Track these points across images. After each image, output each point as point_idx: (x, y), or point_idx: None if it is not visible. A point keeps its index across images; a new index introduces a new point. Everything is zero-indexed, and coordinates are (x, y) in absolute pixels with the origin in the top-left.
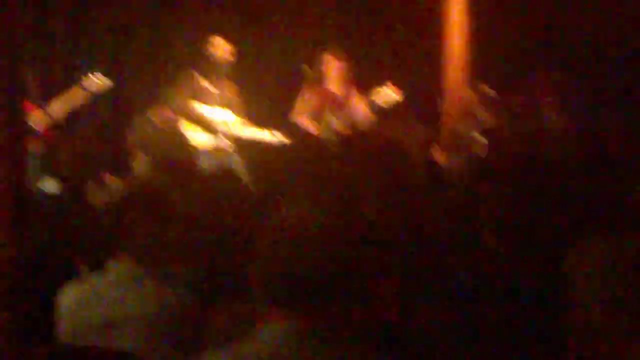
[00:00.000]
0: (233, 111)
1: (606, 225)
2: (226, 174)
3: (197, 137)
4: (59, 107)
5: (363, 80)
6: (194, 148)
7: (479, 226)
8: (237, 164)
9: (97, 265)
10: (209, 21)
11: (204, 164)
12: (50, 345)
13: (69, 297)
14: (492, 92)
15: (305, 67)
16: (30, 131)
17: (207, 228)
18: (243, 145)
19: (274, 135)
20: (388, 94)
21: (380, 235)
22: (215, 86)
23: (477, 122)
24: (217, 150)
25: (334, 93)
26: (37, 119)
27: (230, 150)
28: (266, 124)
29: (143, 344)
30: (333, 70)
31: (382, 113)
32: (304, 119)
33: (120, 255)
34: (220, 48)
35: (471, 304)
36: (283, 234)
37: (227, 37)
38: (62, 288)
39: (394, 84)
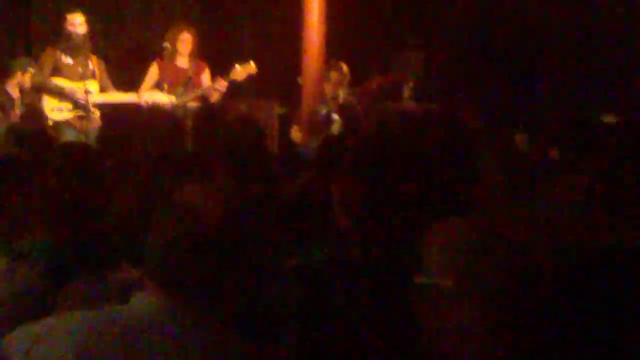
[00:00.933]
0: (96, 82)
1: (456, 207)
2: (76, 145)
3: (58, 110)
4: None
5: (223, 58)
6: (54, 120)
7: (333, 207)
8: (96, 131)
9: None
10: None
11: (67, 135)
12: None
13: None
14: (347, 71)
15: (165, 43)
16: None
17: (62, 199)
18: (104, 112)
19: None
20: (245, 71)
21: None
22: (76, 60)
23: (335, 102)
24: (80, 119)
25: (185, 69)
26: None
27: (93, 118)
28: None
29: None
30: (185, 47)
31: (239, 91)
32: (151, 92)
33: None
34: (79, 25)
35: (324, 285)
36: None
37: (87, 14)
38: None
39: (253, 62)
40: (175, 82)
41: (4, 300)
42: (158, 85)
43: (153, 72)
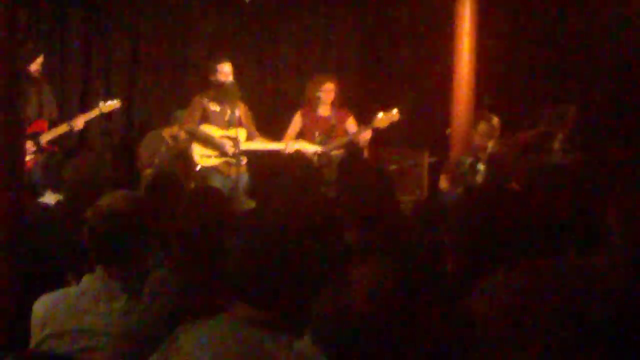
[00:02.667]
0: (243, 129)
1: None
2: (210, 190)
3: (207, 156)
4: (76, 124)
5: (374, 106)
6: (204, 166)
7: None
8: (244, 177)
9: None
10: (217, 49)
11: (214, 180)
12: (18, 351)
13: (42, 306)
14: (498, 122)
15: (307, 90)
16: (37, 146)
17: (188, 243)
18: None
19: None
20: (388, 119)
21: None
22: (223, 108)
23: (484, 153)
24: (228, 166)
25: (327, 117)
26: (48, 135)
27: (239, 165)
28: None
29: (109, 357)
30: (328, 96)
31: (392, 140)
32: (296, 140)
33: (96, 269)
34: (228, 73)
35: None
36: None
37: (234, 62)
38: (39, 297)
39: (402, 112)
40: (317, 130)
41: (119, 338)
42: (301, 134)
43: (296, 121)
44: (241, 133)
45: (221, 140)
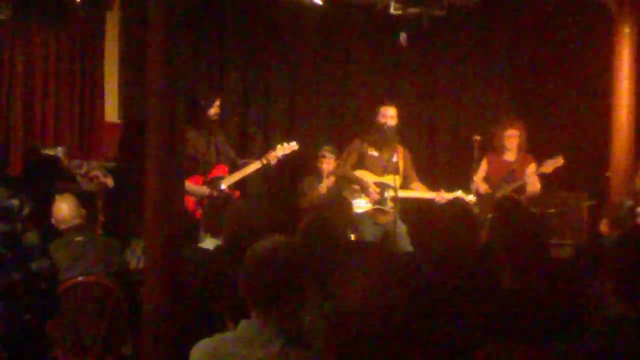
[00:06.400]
0: (398, 176)
1: None
2: (372, 246)
3: (359, 203)
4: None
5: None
6: (356, 213)
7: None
8: (400, 227)
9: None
10: (379, 91)
11: (365, 226)
12: None
13: (198, 352)
14: None
15: (476, 137)
16: (218, 191)
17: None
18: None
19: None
20: (554, 164)
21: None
22: (381, 153)
23: None
24: (378, 213)
25: (509, 162)
26: (229, 179)
27: (389, 212)
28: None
29: None
30: (511, 142)
31: (545, 182)
32: (481, 184)
33: (252, 314)
34: (390, 117)
35: None
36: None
37: (398, 106)
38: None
39: (563, 156)
40: (499, 175)
41: None
42: (487, 179)
43: (483, 165)
44: (396, 180)
45: (368, 186)
